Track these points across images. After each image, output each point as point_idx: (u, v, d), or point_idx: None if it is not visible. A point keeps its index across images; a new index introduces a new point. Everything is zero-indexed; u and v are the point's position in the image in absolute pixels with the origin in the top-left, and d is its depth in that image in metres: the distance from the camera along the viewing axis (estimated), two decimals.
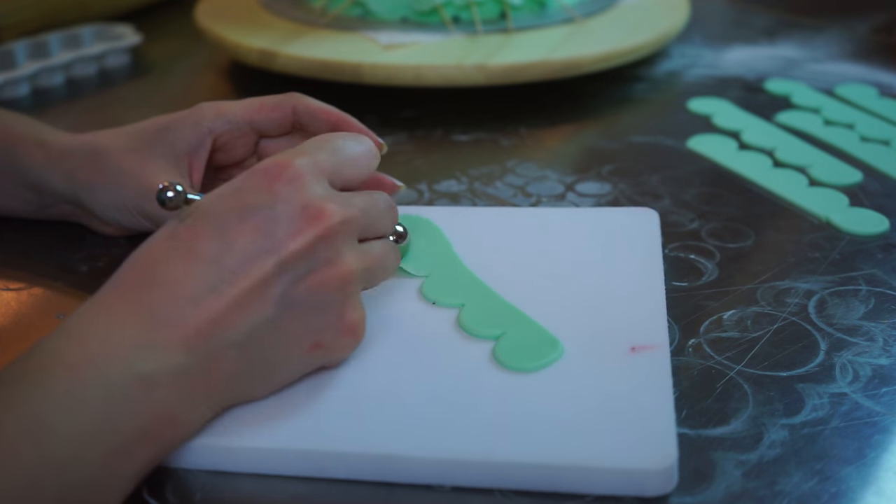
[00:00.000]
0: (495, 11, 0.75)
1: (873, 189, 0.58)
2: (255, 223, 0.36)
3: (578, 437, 0.36)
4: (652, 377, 0.39)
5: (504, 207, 0.56)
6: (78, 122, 0.73)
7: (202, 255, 0.36)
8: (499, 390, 0.39)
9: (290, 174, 0.38)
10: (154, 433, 0.34)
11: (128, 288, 0.36)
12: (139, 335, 0.34)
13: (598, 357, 0.41)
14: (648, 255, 0.48)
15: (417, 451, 0.36)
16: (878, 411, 0.39)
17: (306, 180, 0.38)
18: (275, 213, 0.37)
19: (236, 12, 0.80)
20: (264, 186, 0.37)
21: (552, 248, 0.49)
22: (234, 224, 0.37)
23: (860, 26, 0.88)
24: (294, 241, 0.37)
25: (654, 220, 0.51)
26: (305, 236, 0.37)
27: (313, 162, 0.39)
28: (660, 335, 0.42)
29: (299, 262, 0.37)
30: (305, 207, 0.37)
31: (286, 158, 0.38)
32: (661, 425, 0.37)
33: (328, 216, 0.37)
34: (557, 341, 0.41)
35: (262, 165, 0.38)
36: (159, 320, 0.35)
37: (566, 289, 0.45)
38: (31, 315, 0.48)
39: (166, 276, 0.36)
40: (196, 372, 0.35)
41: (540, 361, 0.40)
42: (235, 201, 0.37)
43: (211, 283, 0.35)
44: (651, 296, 0.45)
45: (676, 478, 0.35)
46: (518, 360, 0.40)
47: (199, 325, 0.35)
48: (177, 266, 0.36)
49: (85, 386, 0.33)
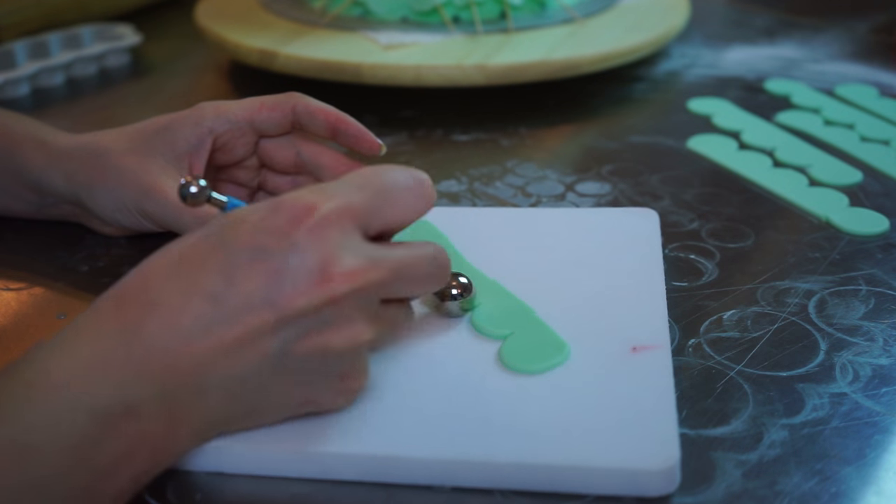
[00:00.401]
0: (495, 11, 0.75)
1: (873, 189, 0.58)
2: (265, 268, 0.34)
3: (580, 438, 0.36)
4: (653, 377, 0.39)
5: (504, 208, 0.56)
6: (78, 121, 0.73)
7: (203, 289, 0.34)
8: (500, 390, 0.39)
9: (313, 221, 0.34)
10: (138, 458, 0.33)
11: (126, 302, 0.34)
12: (127, 361, 0.33)
13: (599, 357, 0.41)
14: (649, 255, 0.48)
15: (418, 452, 0.36)
16: (878, 411, 0.39)
17: (330, 230, 0.34)
18: (287, 264, 0.34)
19: (236, 12, 0.80)
20: (284, 229, 0.34)
21: (552, 249, 0.49)
22: (244, 263, 0.34)
23: (860, 26, 0.88)
24: (300, 300, 0.34)
25: (654, 221, 0.51)
26: (313, 297, 0.34)
27: (345, 206, 0.35)
28: (661, 335, 0.42)
29: (302, 320, 0.34)
30: (322, 265, 0.34)
31: (315, 199, 0.35)
32: (663, 425, 0.37)
33: (344, 279, 0.34)
34: (564, 344, 0.41)
35: (289, 202, 0.35)
36: (149, 349, 0.33)
37: (566, 289, 0.45)
38: (31, 315, 0.48)
39: (164, 299, 0.34)
40: (181, 406, 0.34)
41: (545, 364, 0.40)
42: (252, 238, 0.34)
43: (206, 322, 0.33)
44: (652, 296, 0.45)
45: (679, 478, 0.35)
46: (523, 363, 0.40)
47: (188, 364, 0.33)
48: (176, 292, 0.34)
49: (70, 409, 0.32)
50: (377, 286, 0.35)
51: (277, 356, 0.34)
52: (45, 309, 0.48)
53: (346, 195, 0.36)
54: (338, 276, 0.34)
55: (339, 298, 0.34)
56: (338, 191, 0.36)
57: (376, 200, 0.36)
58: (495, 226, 0.51)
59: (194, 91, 0.79)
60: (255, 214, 0.35)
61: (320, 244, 0.34)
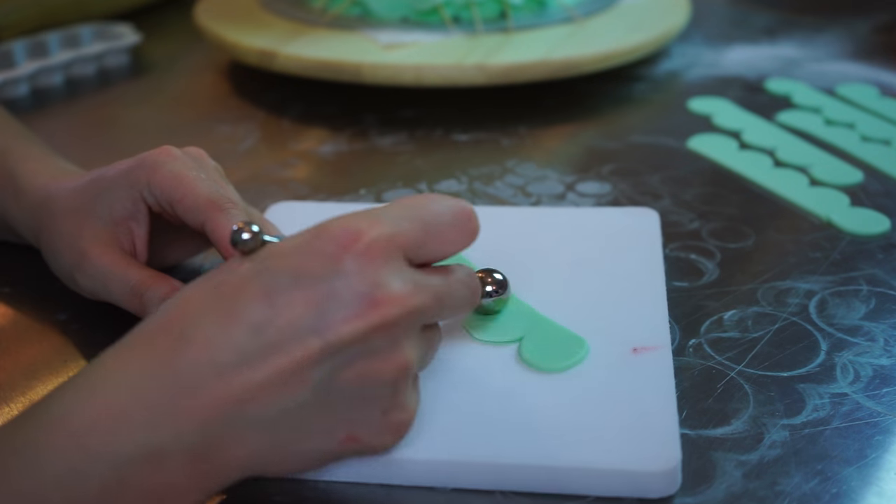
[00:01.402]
0: (495, 11, 0.75)
1: (874, 189, 0.58)
2: (310, 295, 0.32)
3: (580, 439, 0.36)
4: (654, 378, 0.39)
5: (504, 207, 0.56)
6: (77, 121, 0.73)
7: (243, 319, 0.32)
8: (500, 392, 0.39)
9: (360, 247, 0.33)
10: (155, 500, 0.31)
11: (156, 337, 0.32)
12: (156, 400, 0.31)
13: (600, 358, 0.41)
14: (649, 256, 0.48)
15: (419, 454, 0.36)
16: (879, 411, 0.39)
17: (378, 257, 0.33)
18: (333, 289, 0.32)
19: (236, 12, 0.80)
20: (330, 254, 0.33)
21: (552, 249, 0.49)
22: (287, 289, 0.32)
23: (861, 26, 0.88)
24: (347, 326, 0.32)
25: (654, 220, 0.51)
26: (361, 323, 0.32)
27: (392, 234, 0.34)
28: (662, 336, 0.42)
29: (349, 348, 0.32)
30: (370, 290, 0.33)
31: (362, 225, 0.34)
32: (664, 427, 0.36)
33: (394, 304, 0.33)
34: (583, 340, 0.41)
35: (335, 227, 0.34)
36: (181, 386, 0.31)
37: (566, 289, 0.45)
38: (31, 315, 0.48)
39: (200, 333, 0.32)
40: (211, 451, 0.31)
41: (568, 361, 0.40)
42: (294, 262, 0.33)
43: (245, 353, 0.31)
44: (652, 296, 0.44)
45: (680, 479, 0.35)
46: (547, 361, 0.40)
47: (224, 401, 0.31)
48: (212, 324, 0.32)
49: (89, 459, 0.30)
50: (423, 312, 0.34)
51: (322, 387, 0.32)
52: (45, 310, 0.48)
53: (393, 224, 0.34)
54: (386, 302, 0.33)
55: (390, 325, 0.33)
56: (385, 218, 0.35)
57: (422, 233, 0.35)
58: (495, 225, 0.50)
59: (194, 91, 0.79)
60: (297, 239, 0.34)
61: (368, 270, 0.33)
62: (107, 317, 0.45)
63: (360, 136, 0.67)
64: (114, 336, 0.34)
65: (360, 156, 0.64)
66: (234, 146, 0.66)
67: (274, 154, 0.65)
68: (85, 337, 0.46)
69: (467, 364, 0.41)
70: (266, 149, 0.66)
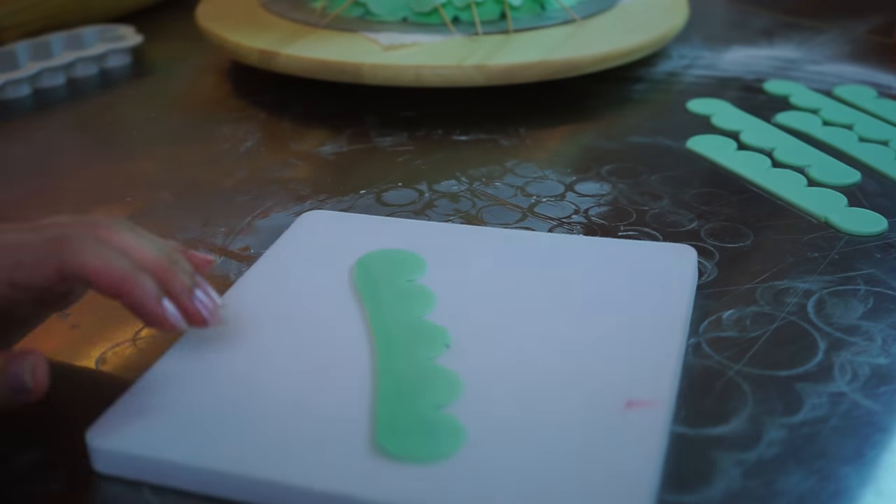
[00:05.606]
0: (495, 12, 0.75)
1: (872, 189, 0.58)
2: None
3: (546, 496, 0.33)
4: (640, 439, 0.36)
5: (529, 232, 0.52)
6: (78, 122, 0.73)
7: None
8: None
9: None
10: None
11: None
12: None
13: (586, 410, 0.37)
14: (675, 299, 0.44)
15: (368, 494, 0.33)
16: (876, 410, 0.39)
17: None
18: None
19: (237, 13, 0.80)
20: None
21: (571, 282, 0.45)
22: None
23: (859, 27, 0.88)
24: None
25: (690, 259, 0.47)
26: None
27: None
28: (662, 391, 0.38)
29: None
30: None
31: None
32: (638, 491, 0.33)
33: None
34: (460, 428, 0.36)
35: None
36: None
37: (575, 327, 0.42)
38: None
39: None
40: None
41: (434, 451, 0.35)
42: None
43: None
44: (664, 346, 0.41)
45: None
46: (402, 449, 0.35)
47: None
48: None
49: None
50: None
51: None
52: None
53: None
54: None
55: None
56: None
57: None
58: (515, 250, 0.48)
59: (195, 91, 0.79)
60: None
61: None
62: (107, 317, 0.46)
63: (360, 137, 0.67)
64: (114, 336, 0.34)
65: (361, 156, 0.64)
66: (234, 147, 0.66)
67: (274, 154, 0.65)
68: (85, 337, 0.46)
69: None
70: (267, 149, 0.66)
